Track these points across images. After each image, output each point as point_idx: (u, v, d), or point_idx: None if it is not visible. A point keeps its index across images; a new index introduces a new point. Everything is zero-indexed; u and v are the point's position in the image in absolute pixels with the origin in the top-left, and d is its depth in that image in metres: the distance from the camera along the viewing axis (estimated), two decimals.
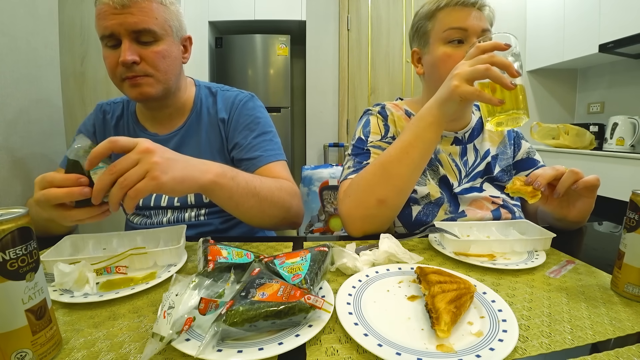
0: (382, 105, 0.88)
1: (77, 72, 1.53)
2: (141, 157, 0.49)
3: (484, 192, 0.82)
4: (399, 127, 0.84)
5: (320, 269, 0.47)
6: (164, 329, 0.34)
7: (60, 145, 1.09)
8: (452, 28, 0.74)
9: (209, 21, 3.02)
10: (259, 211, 0.70)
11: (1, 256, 0.30)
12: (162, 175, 0.50)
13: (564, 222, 0.70)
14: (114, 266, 0.52)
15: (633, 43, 2.07)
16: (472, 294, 0.42)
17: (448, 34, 0.75)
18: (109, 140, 0.49)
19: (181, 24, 0.81)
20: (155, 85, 0.76)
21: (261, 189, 0.70)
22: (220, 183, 0.62)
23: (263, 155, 0.83)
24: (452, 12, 0.75)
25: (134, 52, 0.71)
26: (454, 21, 0.74)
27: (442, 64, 0.75)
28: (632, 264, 0.44)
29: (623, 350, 0.35)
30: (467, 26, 0.73)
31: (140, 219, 0.88)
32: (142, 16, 0.70)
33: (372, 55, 3.05)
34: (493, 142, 0.87)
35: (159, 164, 0.50)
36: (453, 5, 0.74)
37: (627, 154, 2.03)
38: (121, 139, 0.50)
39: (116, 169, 0.48)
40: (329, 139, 3.12)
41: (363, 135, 0.84)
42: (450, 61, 0.73)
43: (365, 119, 0.87)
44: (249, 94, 0.91)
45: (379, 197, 0.67)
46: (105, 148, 0.48)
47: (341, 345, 0.36)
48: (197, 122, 0.87)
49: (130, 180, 0.48)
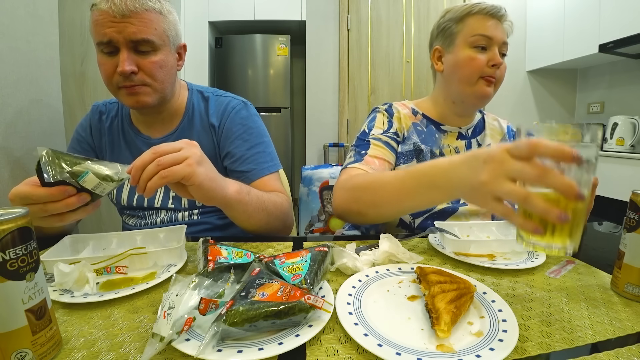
0: (390, 104, 0.92)
1: (77, 72, 1.53)
2: (185, 146, 0.53)
3: None
4: (404, 124, 0.88)
5: (320, 269, 0.47)
6: (164, 329, 0.34)
7: (60, 145, 1.09)
8: (480, 34, 0.79)
9: (209, 21, 3.02)
10: (265, 223, 0.74)
11: (1, 256, 0.30)
12: (199, 166, 0.53)
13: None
14: (114, 266, 0.52)
15: (633, 43, 2.07)
16: (472, 294, 0.42)
17: (475, 39, 0.80)
18: (153, 149, 0.51)
19: (177, 32, 0.81)
20: (152, 94, 0.76)
21: (269, 203, 0.74)
22: (240, 199, 0.66)
23: (256, 168, 0.84)
24: (482, 19, 0.80)
25: (132, 62, 0.71)
26: (483, 29, 0.80)
27: (465, 65, 0.81)
28: (632, 264, 0.44)
29: (623, 350, 0.35)
30: (493, 35, 0.79)
31: (134, 220, 0.88)
32: (141, 26, 0.70)
33: (372, 55, 3.04)
34: (494, 139, 0.92)
35: (199, 156, 0.54)
36: (484, 13, 0.80)
37: (627, 154, 2.03)
38: (163, 145, 0.52)
39: (160, 150, 0.50)
40: (329, 139, 3.12)
41: (367, 129, 0.89)
42: (473, 64, 0.80)
43: (372, 115, 0.91)
44: (242, 102, 0.90)
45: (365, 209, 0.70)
46: (150, 158, 0.50)
47: (341, 345, 0.36)
48: (189, 126, 0.87)
49: (167, 161, 0.50)
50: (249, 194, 0.68)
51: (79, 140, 0.90)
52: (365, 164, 0.79)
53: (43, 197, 0.50)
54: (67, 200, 0.51)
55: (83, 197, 0.52)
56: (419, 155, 0.85)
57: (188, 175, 0.52)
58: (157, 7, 0.73)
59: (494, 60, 0.79)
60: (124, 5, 0.68)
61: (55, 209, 0.51)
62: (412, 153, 0.85)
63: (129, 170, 0.51)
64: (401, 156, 0.85)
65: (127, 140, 0.87)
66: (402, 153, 0.85)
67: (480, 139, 0.91)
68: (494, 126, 0.94)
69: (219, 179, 0.60)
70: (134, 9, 0.69)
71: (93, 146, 0.89)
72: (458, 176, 0.49)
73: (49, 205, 0.51)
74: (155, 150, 0.51)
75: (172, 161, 0.51)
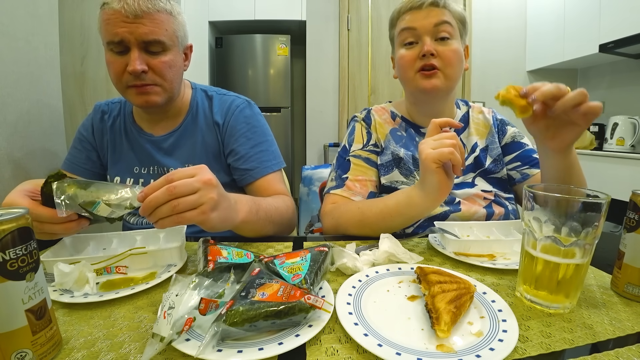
0: (368, 110, 0.92)
1: (77, 72, 1.53)
2: (202, 187, 0.49)
3: (476, 188, 0.82)
4: (380, 134, 0.87)
5: (320, 269, 0.47)
6: (164, 329, 0.34)
7: (60, 145, 1.09)
8: (404, 29, 0.79)
9: (209, 21, 3.02)
10: (272, 233, 0.75)
11: (1, 256, 0.31)
12: (212, 212, 0.50)
13: (543, 154, 0.65)
14: (114, 266, 0.52)
15: (633, 43, 2.07)
16: (472, 294, 0.42)
17: (402, 36, 0.80)
18: (166, 177, 0.48)
19: (185, 33, 0.82)
20: (161, 94, 0.77)
21: (275, 215, 0.74)
22: (248, 220, 0.64)
23: (259, 167, 0.85)
24: (406, 16, 0.80)
25: (143, 61, 0.72)
26: (404, 23, 0.79)
27: (399, 65, 0.82)
28: (632, 264, 0.44)
29: (623, 350, 0.35)
30: (416, 26, 0.77)
31: (136, 218, 0.88)
32: (153, 27, 0.71)
33: (372, 55, 3.04)
34: (480, 135, 0.88)
35: (214, 200, 0.50)
36: (408, 9, 0.80)
37: (627, 154, 2.03)
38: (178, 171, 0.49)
39: (175, 192, 0.46)
40: (329, 139, 3.12)
41: (347, 144, 0.88)
42: (403, 62, 0.80)
43: (352, 126, 0.91)
44: (246, 100, 0.92)
45: (355, 234, 0.72)
46: (162, 183, 0.47)
47: (341, 345, 0.36)
48: (193, 124, 0.88)
49: (183, 208, 0.47)
50: (257, 214, 0.67)
51: (81, 140, 0.90)
52: (347, 190, 0.81)
53: (44, 217, 0.50)
54: (67, 225, 0.51)
55: (82, 223, 0.53)
56: (399, 164, 0.83)
57: (200, 222, 0.50)
58: (167, 8, 0.74)
59: (422, 50, 0.76)
60: (137, 5, 0.68)
61: (52, 230, 0.52)
62: (391, 163, 0.83)
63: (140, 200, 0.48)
64: (381, 168, 0.84)
65: (130, 139, 0.88)
66: (382, 165, 0.84)
67: (464, 136, 0.87)
68: (479, 120, 0.90)
69: (231, 214, 0.57)
70: (146, 10, 0.69)
71: (94, 145, 0.90)
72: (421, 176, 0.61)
73: (46, 225, 0.51)
74: (171, 192, 0.46)
75: (187, 207, 0.47)
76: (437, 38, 0.77)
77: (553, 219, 0.41)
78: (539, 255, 0.43)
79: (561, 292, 0.42)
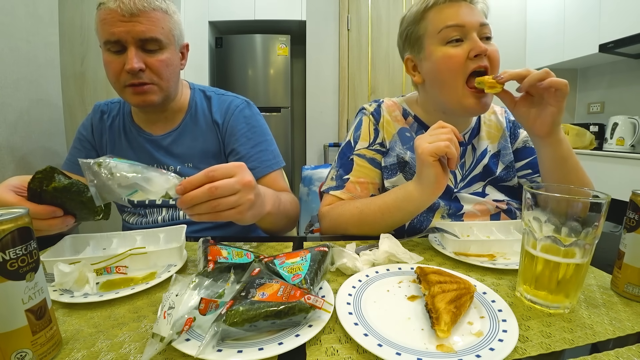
0: (379, 104, 0.84)
1: (77, 73, 1.53)
2: (241, 189, 0.50)
3: (487, 197, 0.79)
4: (387, 133, 0.81)
5: (320, 269, 0.47)
6: (164, 329, 0.34)
7: (60, 145, 1.09)
8: (448, 26, 0.68)
9: (209, 21, 3.02)
10: (283, 225, 0.76)
11: (1, 256, 0.30)
12: (248, 212, 0.53)
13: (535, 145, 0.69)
14: (114, 266, 0.52)
15: (633, 43, 2.07)
16: (472, 294, 0.42)
17: (445, 33, 0.68)
18: (206, 174, 0.48)
19: (181, 32, 0.82)
20: (158, 92, 0.78)
21: (288, 209, 0.77)
22: (272, 213, 0.67)
23: (260, 166, 0.86)
24: (442, 9, 0.69)
25: (140, 59, 0.72)
26: (448, 18, 0.68)
27: (443, 66, 0.69)
28: (632, 264, 0.44)
29: (623, 350, 0.35)
30: (464, 22, 0.67)
31: (135, 218, 0.88)
32: (149, 25, 0.71)
33: (372, 55, 3.05)
34: (492, 138, 0.82)
35: (252, 202, 0.52)
36: (442, 2, 0.69)
37: (627, 154, 2.03)
38: (218, 169, 0.49)
39: (217, 193, 0.47)
40: (329, 139, 3.12)
41: (353, 140, 0.82)
42: (451, 62, 0.68)
43: (359, 118, 0.84)
44: (245, 101, 0.92)
45: (355, 233, 0.72)
46: (202, 180, 0.47)
47: (341, 345, 0.36)
48: (193, 123, 0.88)
49: (222, 208, 0.49)
50: (279, 207, 0.71)
51: (81, 140, 0.91)
52: (346, 192, 0.78)
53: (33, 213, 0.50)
54: (51, 221, 0.51)
55: (67, 220, 0.53)
56: (404, 168, 0.78)
57: (236, 220, 0.53)
58: (163, 7, 0.74)
59: (476, 49, 0.66)
60: (133, 4, 0.69)
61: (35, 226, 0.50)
62: (395, 167, 0.78)
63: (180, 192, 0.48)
64: (385, 170, 0.79)
65: (129, 138, 0.88)
66: (385, 167, 0.79)
67: (475, 142, 0.81)
68: (491, 122, 0.84)
69: (260, 209, 0.59)
70: (142, 8, 0.70)
71: (94, 145, 0.90)
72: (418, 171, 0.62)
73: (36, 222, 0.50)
74: (213, 193, 0.47)
75: (226, 207, 0.49)
76: (481, 38, 0.68)
77: (553, 219, 0.42)
78: (539, 255, 0.43)
79: (561, 292, 0.43)
